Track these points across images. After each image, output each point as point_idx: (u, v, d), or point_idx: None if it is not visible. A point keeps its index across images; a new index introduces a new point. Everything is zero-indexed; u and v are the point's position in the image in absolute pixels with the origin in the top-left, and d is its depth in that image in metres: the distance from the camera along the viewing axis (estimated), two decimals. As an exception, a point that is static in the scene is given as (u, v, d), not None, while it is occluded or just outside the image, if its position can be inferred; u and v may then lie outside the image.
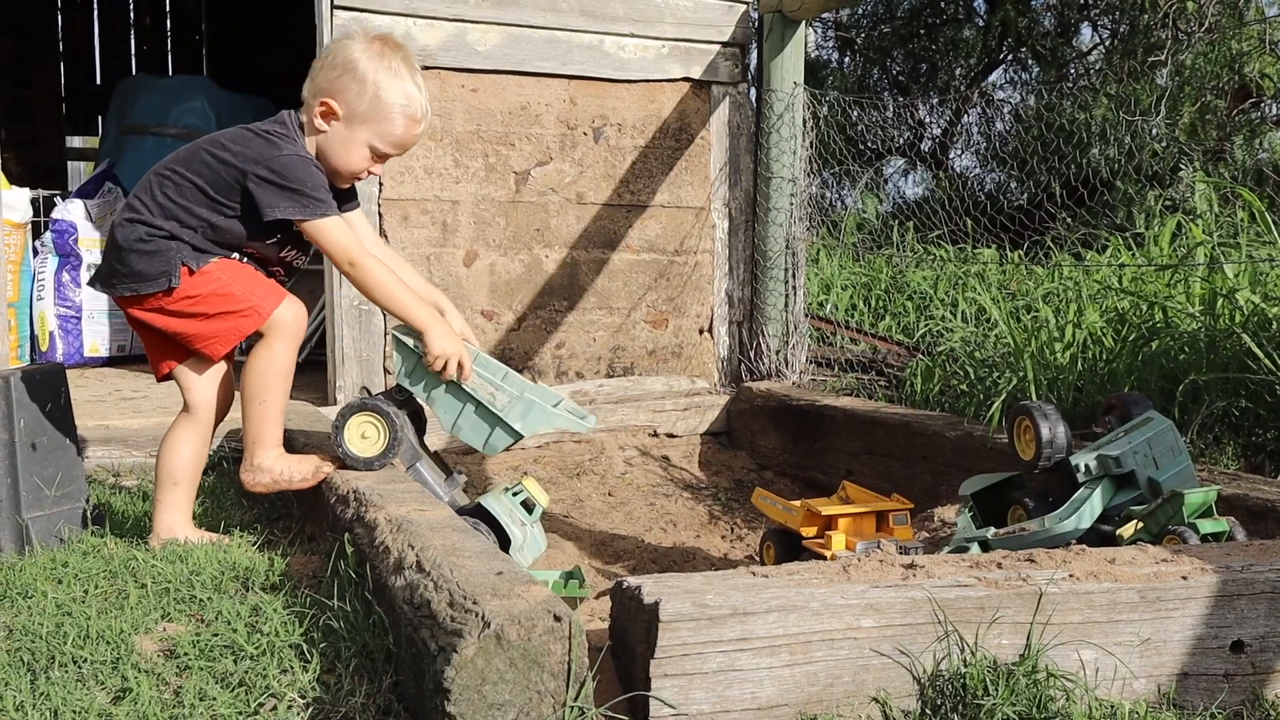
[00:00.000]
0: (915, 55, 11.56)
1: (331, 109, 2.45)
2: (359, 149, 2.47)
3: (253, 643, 1.81)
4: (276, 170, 2.38)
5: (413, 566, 1.76)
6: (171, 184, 2.43)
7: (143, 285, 2.42)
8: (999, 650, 1.63)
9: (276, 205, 2.39)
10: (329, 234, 2.42)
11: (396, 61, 2.45)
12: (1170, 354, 3.36)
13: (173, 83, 6.21)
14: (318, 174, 2.43)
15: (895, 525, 2.58)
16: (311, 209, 2.40)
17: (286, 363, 2.48)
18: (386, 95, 2.43)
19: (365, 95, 2.43)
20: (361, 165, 2.49)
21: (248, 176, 2.38)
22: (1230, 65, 8.31)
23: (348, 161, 2.48)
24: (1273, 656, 1.75)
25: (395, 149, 2.50)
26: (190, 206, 2.42)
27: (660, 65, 4.23)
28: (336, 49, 2.47)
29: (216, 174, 2.42)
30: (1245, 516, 2.32)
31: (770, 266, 4.34)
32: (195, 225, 2.42)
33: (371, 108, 2.44)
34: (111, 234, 2.47)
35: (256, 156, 2.40)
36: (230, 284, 2.44)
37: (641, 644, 1.52)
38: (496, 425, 2.46)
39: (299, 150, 2.44)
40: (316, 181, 2.41)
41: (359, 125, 2.45)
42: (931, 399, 3.96)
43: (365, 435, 2.48)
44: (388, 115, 2.44)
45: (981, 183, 10.58)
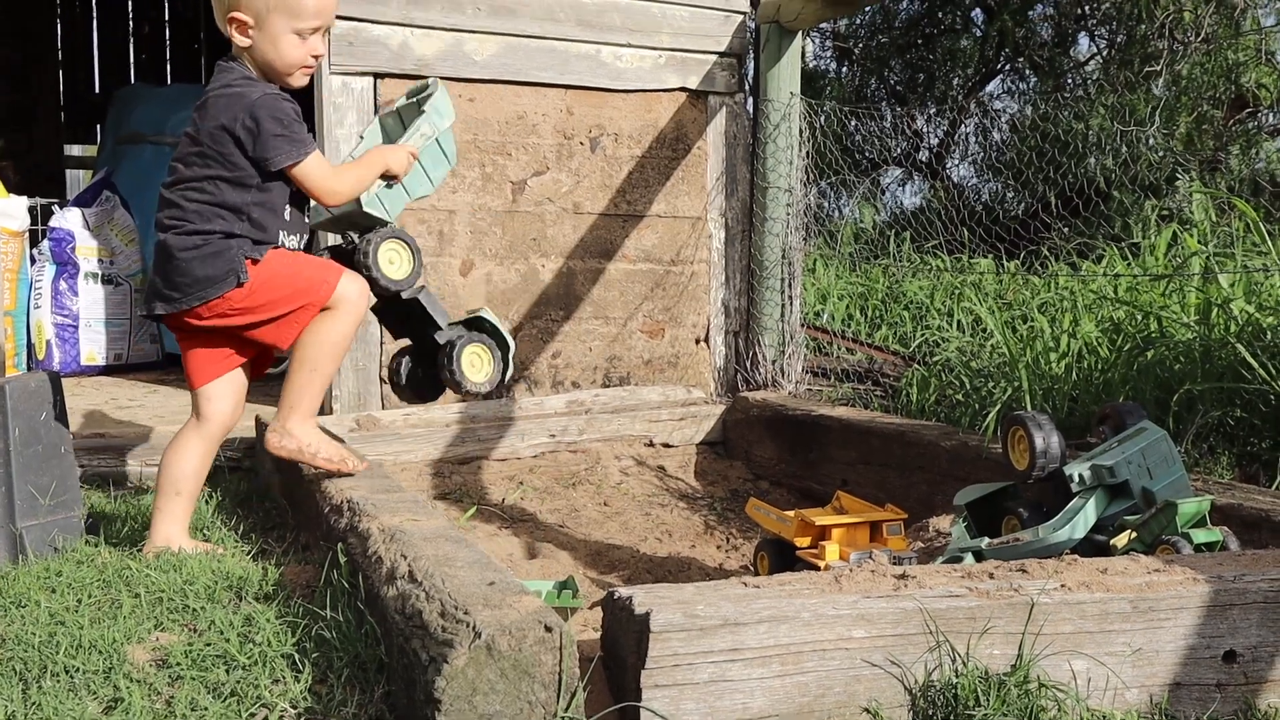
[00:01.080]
0: (913, 65, 11.58)
1: (240, 20, 2.40)
2: (285, 40, 2.40)
3: (245, 653, 1.81)
4: (258, 116, 2.35)
5: (405, 576, 1.76)
6: (193, 189, 2.40)
7: (212, 289, 2.38)
8: (991, 660, 1.63)
9: (279, 151, 2.36)
10: (314, 168, 2.41)
11: None
12: (1165, 364, 3.36)
13: (171, 92, 6.22)
14: (289, 106, 2.40)
15: (889, 535, 2.58)
16: (299, 148, 2.38)
17: (346, 337, 2.49)
18: None
19: None
20: (298, 54, 2.42)
21: (241, 139, 2.35)
22: (1227, 75, 8.33)
23: (282, 58, 2.42)
24: (1265, 666, 1.75)
25: (316, 18, 2.41)
26: (225, 199, 2.39)
27: (657, 75, 4.24)
28: None
29: (218, 153, 2.38)
30: (1239, 526, 2.32)
31: (766, 276, 4.34)
32: (240, 211, 2.40)
33: None
34: (162, 248, 2.42)
35: (237, 111, 2.36)
36: (295, 263, 2.46)
37: (633, 654, 1.52)
38: (438, 143, 2.67)
39: (267, 88, 2.41)
40: (292, 116, 2.39)
41: (271, 18, 2.38)
42: (927, 409, 3.96)
43: (392, 260, 2.58)
44: None
45: (978, 193, 10.60)
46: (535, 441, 3.92)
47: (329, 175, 2.45)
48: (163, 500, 2.52)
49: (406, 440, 3.70)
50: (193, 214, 2.39)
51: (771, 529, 2.68)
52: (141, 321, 5.52)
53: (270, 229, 2.44)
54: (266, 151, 2.36)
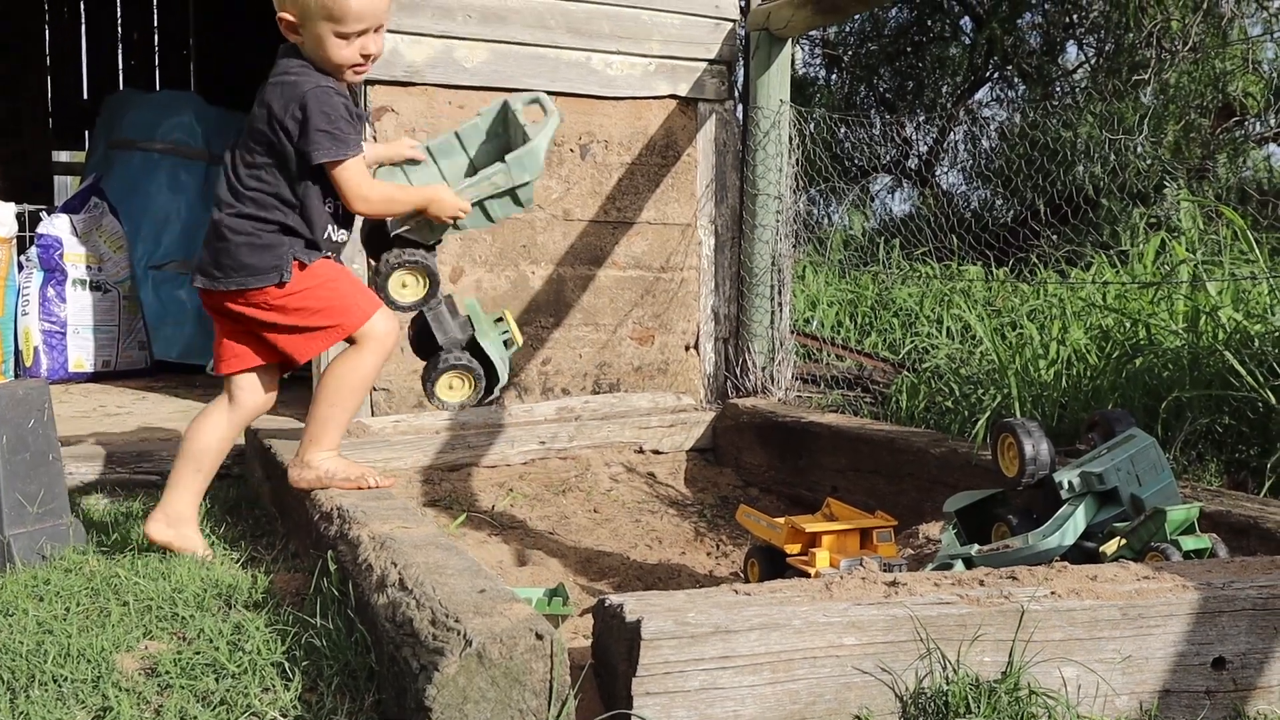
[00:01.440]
0: (902, 73, 11.61)
1: (289, 21, 2.42)
2: (329, 42, 2.39)
3: (235, 661, 1.80)
4: (307, 107, 2.36)
5: (395, 584, 1.76)
6: (251, 175, 2.41)
7: (252, 279, 2.41)
8: (981, 668, 1.63)
9: (319, 146, 2.36)
10: (352, 172, 2.40)
11: None
12: (1154, 371, 3.37)
13: (161, 98, 6.20)
14: (341, 102, 2.41)
15: (879, 542, 2.58)
16: (341, 148, 2.37)
17: (370, 374, 2.51)
18: None
19: None
20: (345, 54, 2.41)
21: (290, 129, 2.37)
22: (1214, 84, 8.36)
23: (332, 57, 2.41)
24: (1254, 673, 1.76)
25: (360, 22, 2.39)
26: (279, 190, 2.42)
27: (647, 83, 4.25)
28: None
29: (271, 141, 2.40)
30: (1228, 533, 2.33)
31: (756, 283, 4.34)
32: (293, 204, 2.42)
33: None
34: (216, 227, 2.45)
35: (288, 101, 2.38)
36: (337, 281, 2.47)
37: (624, 662, 1.52)
38: (510, 192, 2.59)
39: (320, 80, 2.41)
40: (341, 113, 2.39)
41: (315, 21, 2.39)
42: (917, 415, 3.97)
43: (405, 285, 2.59)
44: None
45: (968, 200, 10.62)
46: (525, 448, 3.91)
47: (363, 184, 2.44)
48: (179, 474, 2.52)
49: (396, 447, 3.70)
50: (249, 199, 2.42)
51: (762, 536, 2.68)
52: (131, 328, 5.51)
53: (317, 225, 2.46)
54: (309, 145, 2.37)
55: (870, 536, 2.59)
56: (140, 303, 5.58)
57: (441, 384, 2.67)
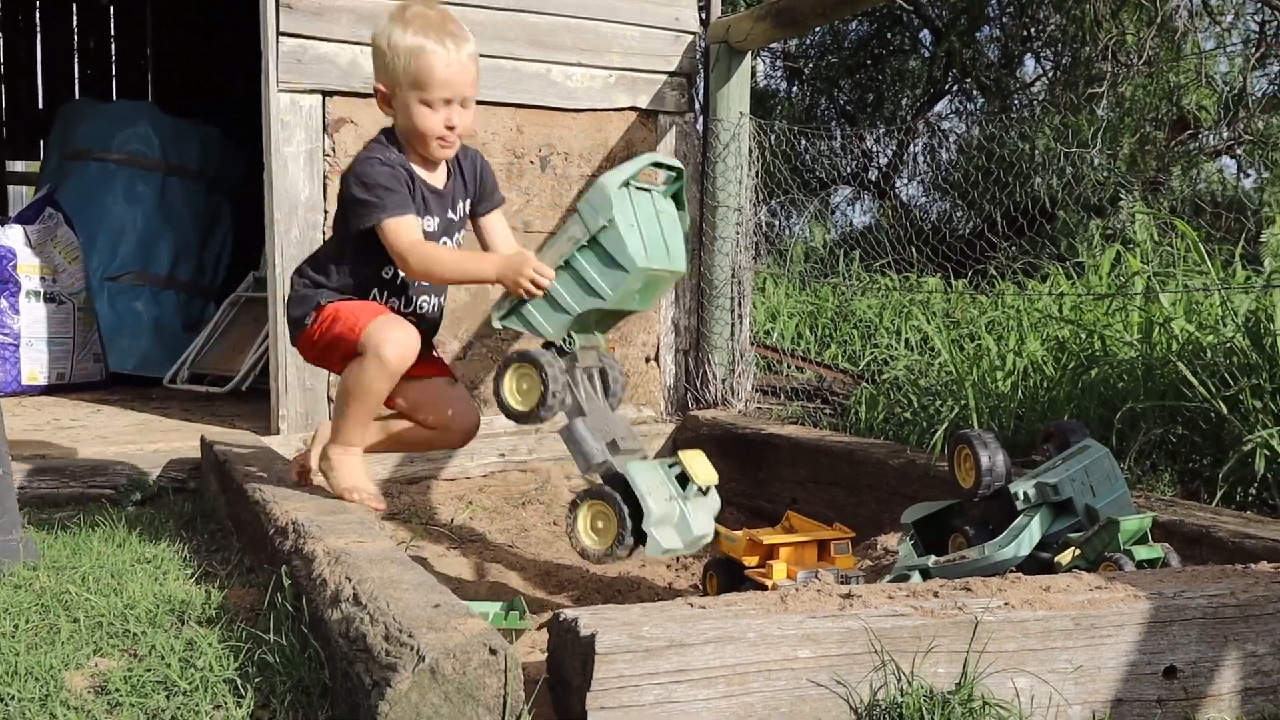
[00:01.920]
0: (862, 85, 11.69)
1: (380, 91, 2.53)
2: (415, 110, 2.47)
3: (186, 678, 1.78)
4: (352, 178, 2.48)
5: (349, 599, 1.74)
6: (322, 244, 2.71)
7: (293, 328, 2.63)
8: (935, 679, 1.64)
9: (356, 214, 2.47)
10: (389, 233, 2.44)
11: (404, 15, 2.48)
12: (1109, 382, 3.40)
13: (117, 108, 6.16)
14: (384, 170, 2.46)
15: (837, 554, 2.58)
16: (374, 212, 2.44)
17: (366, 381, 2.49)
18: (400, 45, 2.45)
19: (388, 59, 2.48)
20: (429, 122, 2.47)
21: (342, 201, 2.53)
22: (1169, 97, 8.48)
23: (417, 127, 2.48)
24: (1204, 681, 1.77)
25: (442, 89, 2.45)
26: (327, 251, 2.64)
27: (607, 94, 4.25)
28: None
29: (337, 215, 2.61)
30: (1180, 542, 2.35)
31: (716, 295, 4.36)
32: (329, 265, 2.59)
33: (396, 66, 2.47)
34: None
35: (345, 176, 2.51)
36: (339, 308, 2.55)
37: (578, 676, 1.51)
38: (599, 247, 2.29)
39: (374, 152, 2.50)
40: (378, 180, 2.44)
41: (403, 90, 2.47)
42: (876, 427, 3.98)
43: (522, 387, 2.35)
44: (409, 63, 2.45)
45: (927, 212, 10.70)
46: (485, 461, 3.90)
47: (410, 246, 2.45)
48: (349, 405, 2.55)
49: (354, 460, 3.67)
50: (306, 262, 2.66)
51: (720, 548, 2.68)
52: (86, 339, 5.45)
53: (363, 286, 2.58)
54: (347, 214, 2.51)
55: (828, 548, 2.60)
56: (96, 314, 5.53)
57: (580, 524, 2.33)
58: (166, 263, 5.87)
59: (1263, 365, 2.90)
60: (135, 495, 3.34)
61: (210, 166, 6.15)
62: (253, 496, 2.60)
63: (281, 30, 3.69)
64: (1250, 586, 1.84)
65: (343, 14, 3.77)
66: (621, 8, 4.24)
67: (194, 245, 6.07)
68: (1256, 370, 2.89)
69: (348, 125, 3.82)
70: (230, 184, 6.36)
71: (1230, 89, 8.62)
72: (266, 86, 3.73)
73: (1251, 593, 1.81)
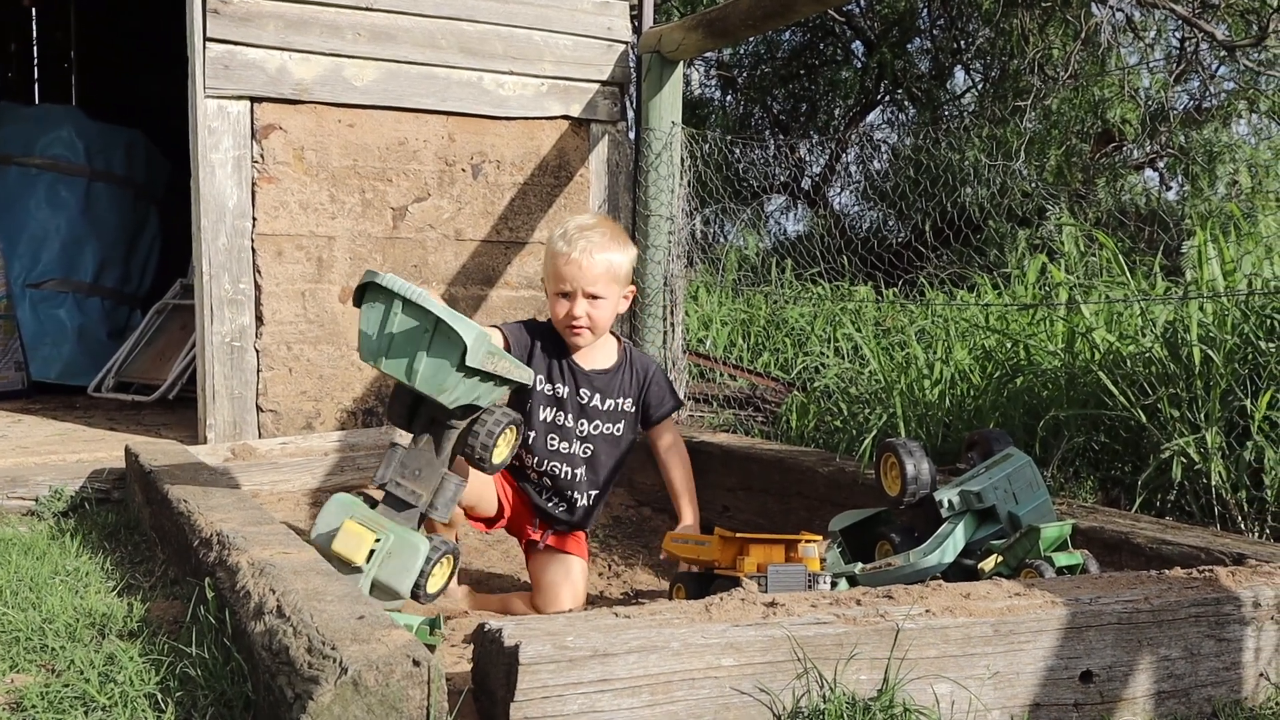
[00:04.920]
0: (795, 95, 11.78)
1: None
2: (551, 300, 2.89)
3: (105, 693, 1.75)
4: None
5: (273, 611, 1.73)
6: None
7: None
8: (857, 686, 1.66)
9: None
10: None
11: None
12: (1033, 391, 3.46)
13: (39, 111, 6.04)
14: (496, 335, 2.81)
15: (804, 556, 2.54)
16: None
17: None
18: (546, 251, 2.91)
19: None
20: (559, 311, 2.84)
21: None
22: (1094, 110, 8.64)
23: (552, 312, 2.89)
24: (1120, 685, 1.81)
25: (567, 283, 2.81)
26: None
27: (539, 103, 4.25)
28: None
29: None
30: (1101, 548, 2.40)
31: (649, 304, 4.37)
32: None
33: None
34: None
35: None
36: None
37: (502, 687, 1.51)
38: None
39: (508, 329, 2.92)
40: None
41: (547, 280, 2.91)
42: (807, 435, 4.02)
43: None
44: (546, 262, 2.90)
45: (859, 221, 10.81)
46: (416, 470, 3.87)
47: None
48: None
49: (284, 470, 3.64)
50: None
51: (691, 557, 2.67)
52: (7, 347, 5.34)
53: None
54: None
55: (795, 547, 2.58)
56: (17, 322, 5.42)
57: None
58: (91, 269, 5.77)
59: (1180, 375, 2.96)
60: (57, 506, 3.28)
61: (136, 172, 6.06)
62: (177, 507, 2.56)
63: (209, 36, 3.65)
64: (1164, 592, 1.88)
65: (271, 20, 3.74)
66: (554, 17, 4.24)
67: (119, 252, 5.97)
68: (1174, 380, 2.96)
69: (276, 132, 3.78)
70: (157, 190, 6.26)
71: (1153, 103, 8.81)
72: (194, 92, 3.69)
73: (1165, 598, 1.86)
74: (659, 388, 3.02)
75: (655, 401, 3.01)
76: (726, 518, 3.55)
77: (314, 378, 3.90)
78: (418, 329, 2.27)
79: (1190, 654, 1.86)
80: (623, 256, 2.86)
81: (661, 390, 3.02)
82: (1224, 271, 3.43)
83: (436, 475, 2.39)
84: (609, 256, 2.81)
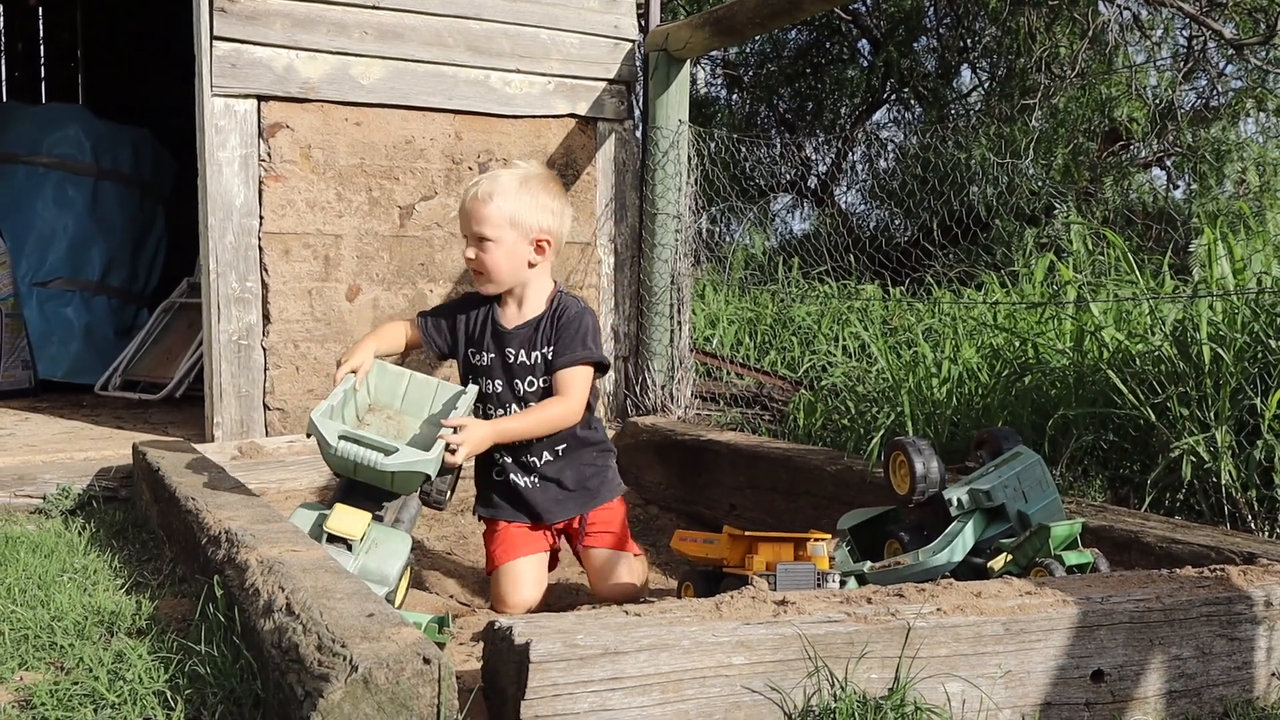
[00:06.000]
0: (802, 94, 11.77)
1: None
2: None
3: (114, 691, 1.75)
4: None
5: (282, 609, 1.72)
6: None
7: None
8: (868, 685, 1.66)
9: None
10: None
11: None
12: (1041, 389, 3.45)
13: (46, 111, 6.04)
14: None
15: (813, 555, 2.54)
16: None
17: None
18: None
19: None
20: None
21: None
22: (1101, 109, 8.62)
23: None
24: (1131, 685, 1.81)
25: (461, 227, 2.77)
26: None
27: (546, 101, 4.25)
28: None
29: None
30: (1110, 547, 2.39)
31: (656, 302, 4.36)
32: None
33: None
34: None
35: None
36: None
37: (512, 685, 1.51)
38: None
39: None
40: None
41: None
42: (814, 433, 4.01)
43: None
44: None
45: (866, 219, 10.80)
46: (423, 468, 3.87)
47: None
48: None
49: (291, 467, 3.64)
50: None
51: (700, 555, 2.67)
52: (14, 346, 5.35)
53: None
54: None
55: (804, 546, 2.58)
56: (24, 320, 5.43)
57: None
58: (98, 268, 5.77)
59: (1189, 373, 2.95)
60: (64, 504, 3.29)
61: (143, 171, 6.06)
62: (185, 505, 2.56)
63: (215, 34, 3.65)
64: (1175, 591, 1.87)
65: (278, 18, 3.74)
66: (560, 15, 4.24)
67: (126, 250, 5.97)
68: (1183, 378, 2.95)
69: (283, 130, 3.78)
70: (164, 189, 6.27)
71: (1160, 102, 8.79)
72: (200, 91, 3.69)
73: (1176, 597, 1.85)
74: (568, 335, 2.73)
75: (560, 348, 2.73)
76: (734, 516, 3.54)
77: (321, 376, 3.90)
78: (382, 476, 2.41)
79: (1202, 653, 1.85)
80: (519, 203, 2.67)
81: (569, 337, 2.73)
82: (1233, 270, 3.42)
83: (397, 499, 2.55)
84: (498, 202, 2.66)
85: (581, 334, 2.73)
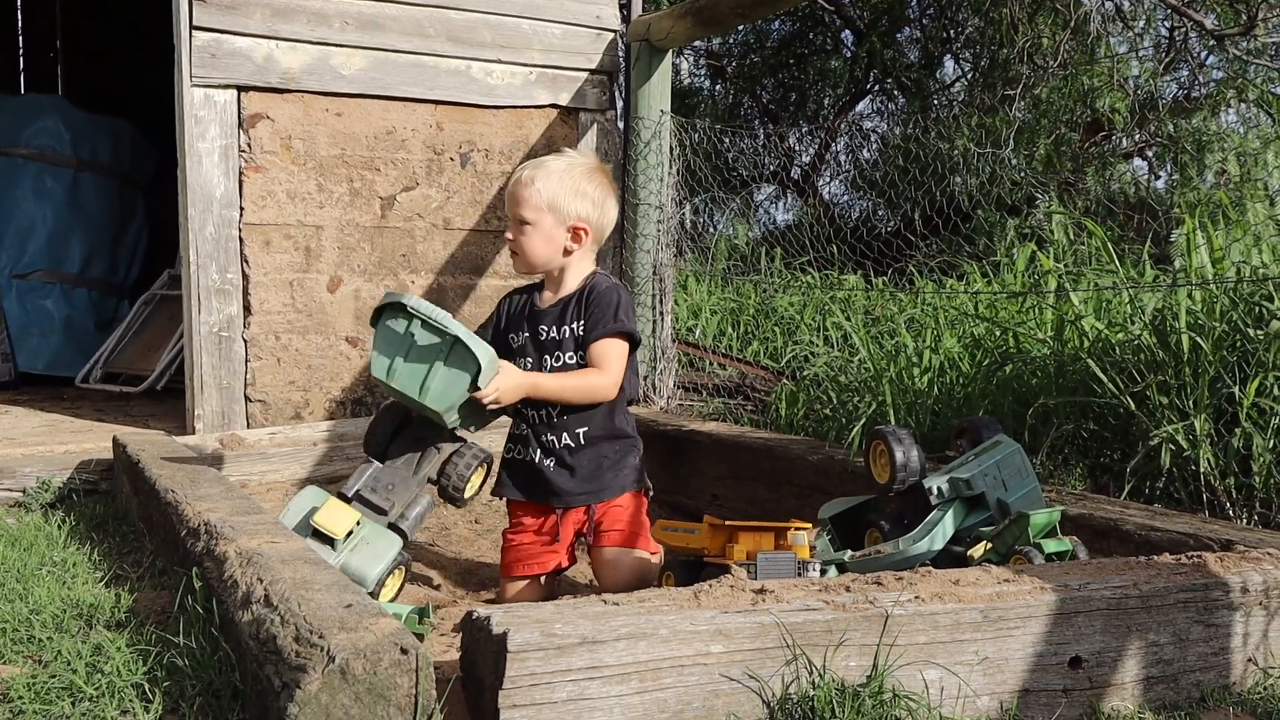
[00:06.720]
0: (785, 84, 11.76)
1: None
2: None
3: (92, 683, 1.75)
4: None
5: (260, 601, 1.72)
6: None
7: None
8: (846, 672, 1.66)
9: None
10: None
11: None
12: (1022, 378, 3.46)
13: (24, 101, 6.01)
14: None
15: (794, 544, 2.55)
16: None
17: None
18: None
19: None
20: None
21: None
22: (1083, 100, 8.64)
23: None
24: (1108, 671, 1.81)
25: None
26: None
27: (528, 91, 4.24)
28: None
29: None
30: (1090, 535, 2.40)
31: (638, 292, 4.36)
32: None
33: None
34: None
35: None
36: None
37: (490, 675, 1.51)
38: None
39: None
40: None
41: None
42: (796, 423, 4.01)
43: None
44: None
45: (848, 210, 10.80)
46: (405, 460, 3.86)
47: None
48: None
49: (273, 460, 3.63)
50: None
51: (681, 544, 2.67)
52: (-7, 339, 5.32)
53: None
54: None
55: (784, 535, 2.58)
56: (4, 313, 5.40)
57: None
58: (78, 260, 5.74)
59: (1168, 362, 2.96)
60: (44, 498, 3.27)
61: (123, 162, 6.03)
62: (165, 498, 2.55)
63: (195, 24, 3.63)
64: (1153, 578, 1.88)
65: (257, 8, 3.72)
66: (542, 5, 4.23)
67: (106, 242, 5.94)
68: (1163, 367, 2.96)
69: (264, 121, 3.77)
70: (144, 179, 6.23)
71: (1142, 92, 8.81)
72: (180, 81, 3.67)
73: (1154, 584, 1.86)
74: (599, 309, 2.72)
75: (590, 323, 2.72)
76: (715, 506, 3.54)
77: (302, 368, 3.89)
78: (435, 347, 2.38)
79: (1179, 639, 1.86)
80: (560, 189, 2.70)
81: (600, 310, 2.72)
82: (1212, 259, 3.43)
83: (410, 492, 2.55)
84: (539, 186, 2.69)
85: (613, 308, 2.72)
